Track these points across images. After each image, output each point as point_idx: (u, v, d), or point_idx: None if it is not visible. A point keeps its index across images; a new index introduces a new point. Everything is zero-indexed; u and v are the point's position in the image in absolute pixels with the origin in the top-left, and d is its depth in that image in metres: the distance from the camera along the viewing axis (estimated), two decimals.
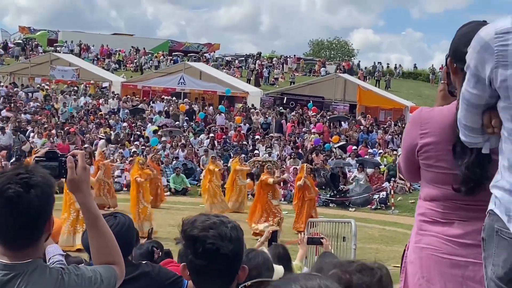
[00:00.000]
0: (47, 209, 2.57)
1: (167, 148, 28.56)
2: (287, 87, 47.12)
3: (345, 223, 10.57)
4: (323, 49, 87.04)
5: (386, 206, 24.37)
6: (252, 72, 53.78)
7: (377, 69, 58.19)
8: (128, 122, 32.68)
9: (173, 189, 25.30)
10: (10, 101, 36.08)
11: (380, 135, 31.05)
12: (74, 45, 62.44)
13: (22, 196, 2.47)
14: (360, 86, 40.51)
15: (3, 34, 72.70)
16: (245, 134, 31.56)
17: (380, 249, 16.59)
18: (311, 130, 31.87)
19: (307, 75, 60.60)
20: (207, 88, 40.16)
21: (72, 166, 2.73)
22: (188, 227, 2.63)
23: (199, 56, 63.75)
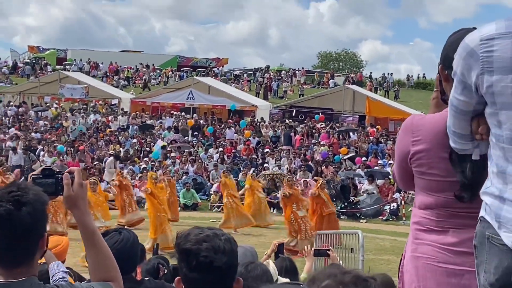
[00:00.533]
0: (39, 226, 2.55)
1: (176, 164, 28.59)
2: (296, 99, 47.19)
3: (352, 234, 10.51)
4: (331, 61, 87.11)
5: (397, 217, 24.26)
6: (260, 86, 53.87)
7: (386, 80, 58.17)
8: (138, 138, 32.76)
9: (183, 204, 25.29)
10: (20, 120, 36.30)
11: (389, 146, 30.95)
12: (83, 63, 62.82)
13: (13, 214, 2.46)
14: (369, 97, 40.48)
15: (13, 54, 73.25)
16: (254, 148, 31.56)
17: (391, 260, 16.47)
18: (320, 142, 31.82)
19: (316, 87, 60.66)
20: (216, 103, 40.24)
21: (68, 183, 2.73)
22: (182, 241, 2.63)
23: (208, 71, 63.97)
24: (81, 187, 2.76)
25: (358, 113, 40.49)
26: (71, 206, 2.76)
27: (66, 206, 2.78)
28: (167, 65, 67.02)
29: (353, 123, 39.11)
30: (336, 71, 75.10)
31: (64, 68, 58.96)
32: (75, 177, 2.75)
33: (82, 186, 2.76)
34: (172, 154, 29.83)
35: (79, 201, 2.75)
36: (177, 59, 73.29)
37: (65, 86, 42.41)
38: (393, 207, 24.57)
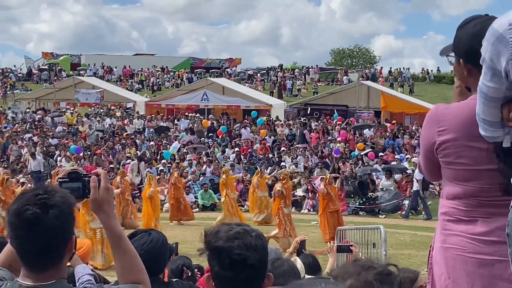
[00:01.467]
0: (67, 229, 2.57)
1: (193, 165, 28.63)
2: (311, 97, 47.13)
3: (374, 229, 10.46)
4: (344, 57, 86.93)
5: (416, 211, 24.14)
6: (274, 85, 53.87)
7: (403, 75, 58.06)
8: (155, 141, 32.85)
9: (201, 205, 25.32)
10: (37, 126, 36.50)
11: (406, 140, 30.83)
12: (97, 67, 63.09)
13: (40, 217, 2.47)
14: (383, 92, 40.34)
15: (27, 61, 73.71)
16: (270, 147, 31.54)
17: (412, 255, 16.44)
18: (336, 139, 31.74)
19: (330, 84, 60.57)
20: (230, 103, 40.27)
21: (95, 185, 2.74)
22: (212, 238, 2.62)
23: (221, 71, 64.05)
24: (107, 191, 2.76)
25: (373, 108, 40.36)
26: (97, 210, 2.76)
27: (92, 209, 2.78)
28: (181, 67, 67.21)
29: (369, 118, 38.98)
30: (350, 67, 74.92)
31: (79, 73, 59.22)
32: (101, 180, 2.76)
33: (108, 190, 2.77)
34: (189, 156, 29.89)
35: (105, 205, 2.76)
36: (190, 61, 73.44)
37: (80, 91, 42.58)
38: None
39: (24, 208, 2.48)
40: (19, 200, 2.53)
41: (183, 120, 37.31)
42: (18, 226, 2.50)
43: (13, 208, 2.52)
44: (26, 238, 2.49)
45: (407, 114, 39.12)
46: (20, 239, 2.52)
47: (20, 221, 2.48)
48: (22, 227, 2.49)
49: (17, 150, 30.23)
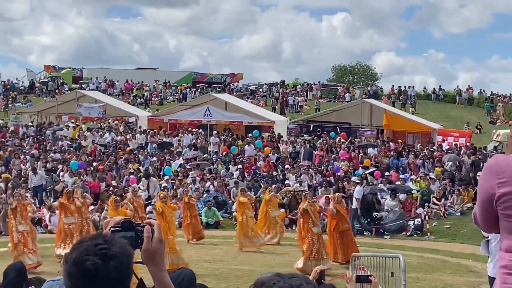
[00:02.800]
0: (125, 281, 2.50)
1: (197, 182, 28.49)
2: (313, 114, 47.05)
3: (392, 258, 10.29)
4: (346, 74, 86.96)
5: (421, 232, 24.02)
6: (277, 101, 53.84)
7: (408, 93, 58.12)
8: (158, 156, 32.71)
9: (205, 223, 25.16)
10: (40, 140, 36.36)
11: (411, 160, 30.72)
12: (99, 81, 63.05)
13: (100, 268, 2.41)
14: (386, 110, 40.29)
15: (29, 73, 73.64)
16: (274, 164, 31.40)
17: (420, 278, 16.30)
18: (340, 158, 31.63)
19: (332, 101, 60.57)
20: (233, 119, 40.17)
21: (149, 236, 2.66)
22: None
23: (223, 86, 64.04)
24: (160, 243, 2.68)
25: (376, 126, 40.25)
26: (148, 261, 2.68)
27: (143, 260, 2.69)
28: (183, 82, 67.21)
29: (371, 137, 38.90)
30: (351, 84, 74.93)
31: (81, 87, 59.18)
32: (155, 231, 2.67)
33: (161, 242, 2.68)
34: (192, 172, 29.75)
35: (157, 257, 2.67)
36: (192, 75, 73.44)
37: (83, 105, 42.42)
38: (418, 223, 24.33)
39: (83, 258, 2.42)
40: (78, 249, 2.47)
41: (186, 135, 37.19)
42: (77, 276, 2.43)
43: (72, 257, 2.45)
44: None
45: (410, 132, 39.01)
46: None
47: (79, 271, 2.42)
48: (80, 277, 2.43)
49: (18, 165, 30.07)
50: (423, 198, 26.13)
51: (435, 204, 25.81)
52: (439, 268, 17.99)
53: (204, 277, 15.58)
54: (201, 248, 21.06)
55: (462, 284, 15.89)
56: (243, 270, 17.31)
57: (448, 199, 26.39)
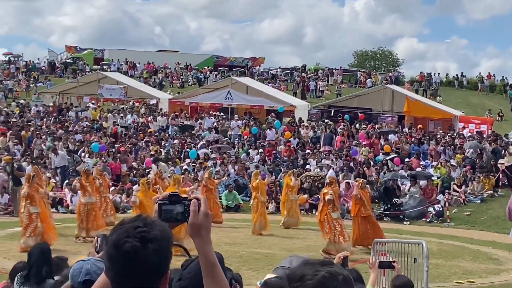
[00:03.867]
0: (163, 264, 2.52)
1: (218, 165, 28.57)
2: (334, 99, 46.93)
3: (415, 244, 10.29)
4: (367, 59, 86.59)
5: (441, 219, 23.95)
6: (298, 85, 53.75)
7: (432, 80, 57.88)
8: (179, 139, 32.81)
9: (225, 206, 25.28)
10: (61, 120, 36.60)
11: (432, 147, 30.59)
12: (121, 63, 63.25)
13: (139, 251, 2.43)
14: (408, 96, 40.08)
15: (50, 54, 74.07)
16: (294, 149, 31.38)
17: (440, 264, 16.27)
18: (361, 143, 31.55)
19: (353, 86, 60.36)
20: (254, 103, 40.17)
21: (195, 209, 2.67)
22: (298, 284, 2.51)
23: (245, 70, 64.00)
24: (207, 217, 2.68)
25: (397, 112, 40.08)
26: (194, 234, 2.68)
27: (190, 233, 2.71)
28: (204, 65, 67.27)
29: (392, 123, 38.74)
30: (372, 69, 74.61)
31: (102, 68, 59.40)
32: (201, 205, 2.69)
33: (208, 215, 2.69)
34: (213, 155, 29.84)
35: (203, 230, 2.68)
36: (214, 59, 73.45)
37: (104, 87, 42.62)
38: (438, 209, 24.26)
39: (123, 240, 2.44)
40: (118, 231, 2.49)
41: (207, 118, 37.26)
42: (116, 258, 2.46)
43: (112, 239, 2.49)
44: (123, 271, 2.46)
45: (431, 119, 38.79)
46: (117, 272, 2.49)
47: (118, 254, 2.45)
48: (120, 260, 2.45)
49: (40, 145, 30.29)
50: (444, 185, 26.05)
51: (456, 191, 25.72)
52: (459, 255, 17.96)
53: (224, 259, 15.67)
54: (221, 231, 21.13)
55: (481, 271, 15.86)
56: (263, 253, 17.39)
57: (469, 186, 26.29)
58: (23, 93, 50.87)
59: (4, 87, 50.46)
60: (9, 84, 51.52)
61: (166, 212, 2.67)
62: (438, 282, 14.26)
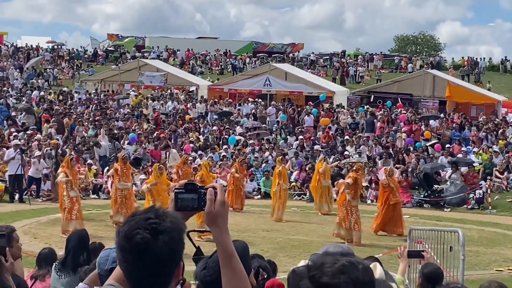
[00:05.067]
0: (175, 256, 2.51)
1: (256, 151, 28.60)
2: (374, 85, 46.53)
3: (451, 232, 10.16)
4: (408, 44, 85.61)
5: (482, 205, 23.63)
6: (337, 71, 53.42)
7: (479, 65, 57.09)
8: (218, 125, 32.91)
9: (263, 192, 25.33)
10: (102, 108, 37.04)
11: (473, 132, 30.15)
12: (161, 50, 63.60)
13: (150, 243, 2.42)
14: (449, 81, 39.53)
15: (93, 42, 74.91)
16: (333, 135, 31.22)
17: (480, 252, 16.10)
18: (401, 129, 31.25)
19: (394, 71, 59.76)
20: (293, 89, 40.07)
21: (211, 198, 2.65)
22: (317, 273, 2.49)
23: (284, 56, 63.81)
24: (223, 205, 2.67)
25: (438, 98, 39.57)
26: (211, 223, 2.67)
27: (206, 222, 2.70)
28: (243, 51, 67.25)
29: (433, 108, 38.27)
30: (413, 54, 73.74)
31: (143, 55, 59.83)
32: (218, 194, 2.69)
33: (224, 205, 2.67)
34: (251, 142, 29.88)
35: (219, 219, 2.66)
36: (253, 45, 73.40)
37: (145, 74, 42.95)
38: (479, 195, 23.94)
39: (134, 232, 2.44)
40: (129, 222, 2.48)
41: (246, 105, 37.29)
42: (127, 250, 2.46)
43: (123, 230, 2.48)
44: (134, 262, 2.46)
45: (473, 104, 38.20)
46: (128, 263, 2.49)
47: (129, 245, 2.44)
48: (131, 251, 2.45)
49: (82, 132, 30.65)
50: (486, 171, 25.67)
51: (498, 178, 25.33)
52: (500, 242, 17.73)
53: (261, 245, 15.74)
54: (258, 218, 21.22)
55: None
56: (300, 240, 17.40)
57: (511, 172, 25.86)
58: (66, 81, 51.52)
59: (48, 75, 51.21)
60: (54, 72, 52.27)
61: (182, 201, 2.67)
62: (478, 270, 14.12)
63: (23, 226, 17.70)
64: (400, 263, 7.32)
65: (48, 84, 48.25)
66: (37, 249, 14.75)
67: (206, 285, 3.75)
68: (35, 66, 53.68)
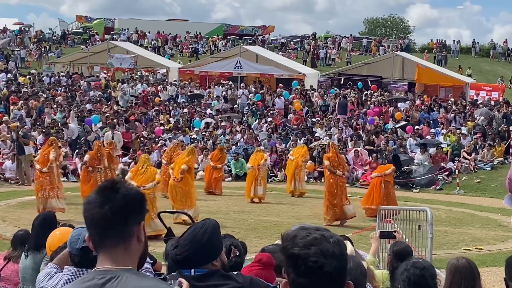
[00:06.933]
0: (134, 211, 2.65)
1: (227, 134, 28.61)
2: (344, 67, 46.69)
3: (420, 211, 10.30)
4: (378, 27, 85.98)
5: (450, 186, 23.93)
6: (308, 54, 53.48)
7: (451, 48, 57.53)
8: (189, 108, 32.81)
9: (234, 174, 25.40)
10: (71, 90, 36.72)
11: (442, 114, 30.45)
12: (131, 32, 63.08)
13: (111, 196, 2.63)
14: (418, 64, 39.81)
15: (61, 23, 73.97)
16: (304, 117, 31.31)
17: (448, 232, 16.33)
18: (372, 111, 31.44)
19: (363, 54, 59.99)
20: (263, 72, 40.06)
21: None
22: (289, 244, 2.53)
23: (254, 39, 63.71)
24: None
25: (407, 80, 39.88)
26: None
27: None
28: (214, 33, 66.97)
29: (403, 90, 38.56)
30: (383, 37, 74.07)
31: (112, 37, 59.30)
32: None
33: None
34: (222, 124, 29.87)
35: None
36: (224, 27, 73.12)
37: (114, 56, 42.61)
38: (447, 177, 24.26)
39: (99, 188, 2.69)
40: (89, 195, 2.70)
41: (217, 87, 37.23)
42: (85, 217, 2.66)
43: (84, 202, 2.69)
44: (97, 211, 2.63)
45: (442, 86, 38.56)
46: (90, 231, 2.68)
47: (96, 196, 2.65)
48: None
49: (50, 114, 30.36)
50: (454, 153, 25.99)
51: (465, 159, 25.66)
52: (468, 222, 17.99)
53: (232, 228, 15.77)
54: (229, 199, 21.28)
55: (490, 238, 15.89)
56: (272, 221, 17.48)
57: (479, 153, 26.21)
58: (34, 63, 50.93)
59: (15, 56, 50.57)
60: (21, 53, 51.63)
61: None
62: (446, 249, 14.32)
63: None
64: (372, 244, 7.41)
65: (15, 66, 47.62)
66: (5, 232, 14.74)
67: (177, 263, 3.78)
68: (2, 48, 52.97)
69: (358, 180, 24.99)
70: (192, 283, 3.57)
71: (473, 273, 4.91)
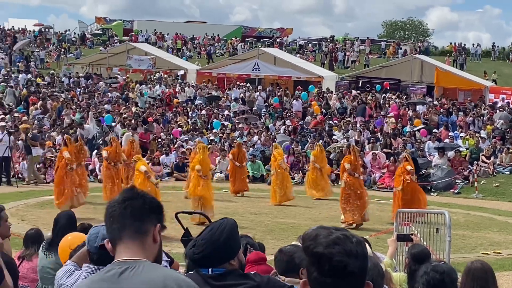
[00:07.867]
0: (151, 212, 2.92)
1: (244, 135, 28.62)
2: (362, 70, 46.57)
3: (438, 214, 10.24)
4: (397, 30, 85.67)
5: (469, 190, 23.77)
6: (326, 56, 53.40)
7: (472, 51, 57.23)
8: (206, 110, 32.86)
9: (252, 176, 25.39)
10: (90, 91, 36.90)
11: (460, 117, 30.27)
12: (149, 34, 63.33)
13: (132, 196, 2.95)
14: (437, 67, 39.63)
15: (81, 25, 74.45)
16: (323, 120, 31.22)
17: (466, 236, 16.22)
18: (388, 114, 31.33)
19: (382, 57, 59.80)
20: (281, 74, 40.06)
21: None
22: (312, 243, 2.53)
23: (272, 41, 63.71)
24: None
25: (426, 83, 39.72)
26: None
27: None
28: (232, 36, 67.07)
29: (421, 93, 38.40)
30: (402, 40, 73.81)
31: (131, 39, 59.56)
32: None
33: None
34: (240, 126, 29.89)
35: None
36: (242, 29, 73.21)
37: (133, 57, 42.83)
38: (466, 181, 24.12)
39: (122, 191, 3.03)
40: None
41: (235, 89, 37.26)
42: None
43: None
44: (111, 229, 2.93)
45: (461, 90, 38.34)
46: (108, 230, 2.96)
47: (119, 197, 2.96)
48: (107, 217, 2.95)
49: (69, 115, 30.51)
50: (472, 156, 25.83)
51: (484, 162, 25.49)
52: (486, 226, 17.86)
53: (249, 229, 15.76)
54: (247, 201, 21.28)
55: (509, 242, 15.76)
56: (288, 223, 17.45)
57: (498, 157, 26.03)
58: (54, 64, 51.26)
59: (35, 57, 50.93)
60: (41, 54, 51.98)
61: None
62: (464, 253, 14.22)
63: (10, 208, 17.63)
64: (389, 247, 7.38)
65: (35, 67, 47.96)
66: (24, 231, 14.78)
67: (195, 262, 3.79)
68: (22, 49, 53.36)
69: (375, 183, 24.90)
70: (209, 282, 3.58)
71: (486, 275, 4.89)
